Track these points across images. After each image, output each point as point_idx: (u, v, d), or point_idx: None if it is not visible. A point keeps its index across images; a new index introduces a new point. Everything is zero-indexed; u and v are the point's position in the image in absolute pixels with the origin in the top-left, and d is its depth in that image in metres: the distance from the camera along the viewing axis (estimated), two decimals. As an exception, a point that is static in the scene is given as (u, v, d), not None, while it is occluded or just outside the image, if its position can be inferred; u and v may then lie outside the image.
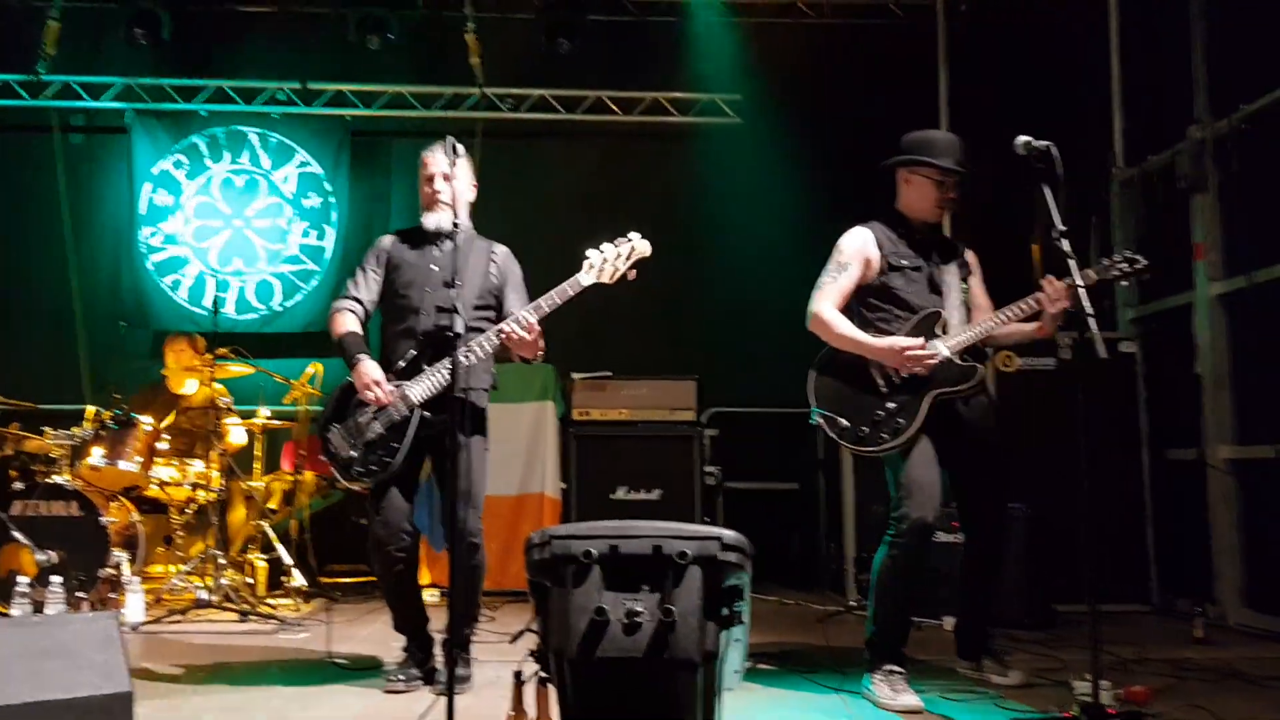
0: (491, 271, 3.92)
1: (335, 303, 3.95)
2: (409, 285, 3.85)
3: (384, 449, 3.65)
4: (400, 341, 3.79)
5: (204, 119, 7.79)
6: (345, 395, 3.76)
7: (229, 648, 4.57)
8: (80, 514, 5.22)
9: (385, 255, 3.95)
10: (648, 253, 3.78)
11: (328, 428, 3.74)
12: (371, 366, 3.69)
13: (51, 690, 2.44)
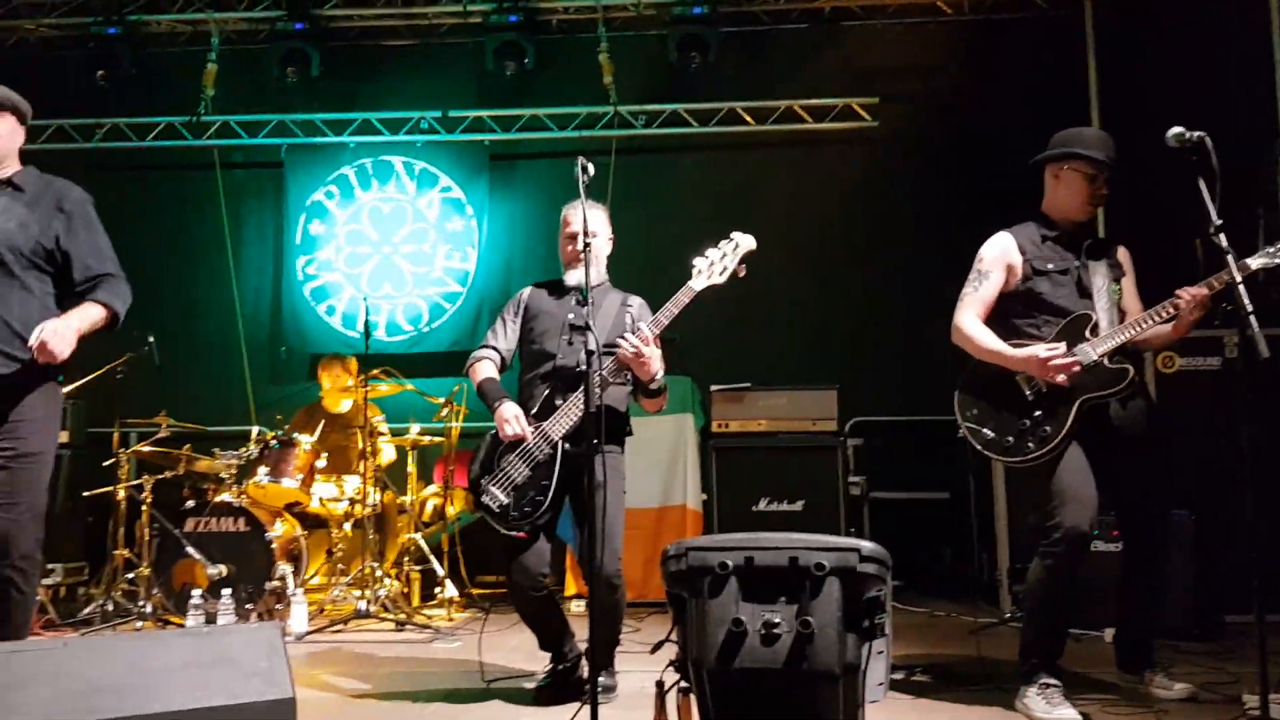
0: (625, 320, 3.98)
1: (474, 352, 4.06)
2: (545, 334, 3.94)
3: (535, 489, 3.69)
4: (536, 385, 3.88)
5: (353, 150, 8.14)
6: (490, 448, 3.82)
7: (387, 657, 4.73)
8: (247, 529, 5.50)
9: (524, 305, 4.08)
10: (753, 246, 3.80)
11: (479, 484, 3.78)
12: (511, 405, 3.78)
13: (218, 697, 2.57)
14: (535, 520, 3.69)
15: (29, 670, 2.42)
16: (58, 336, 3.16)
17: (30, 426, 3.25)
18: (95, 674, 2.46)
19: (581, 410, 3.62)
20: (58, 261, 3.38)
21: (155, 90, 8.02)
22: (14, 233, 3.29)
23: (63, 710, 2.38)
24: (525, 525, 3.70)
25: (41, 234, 3.33)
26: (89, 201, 3.49)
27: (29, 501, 3.22)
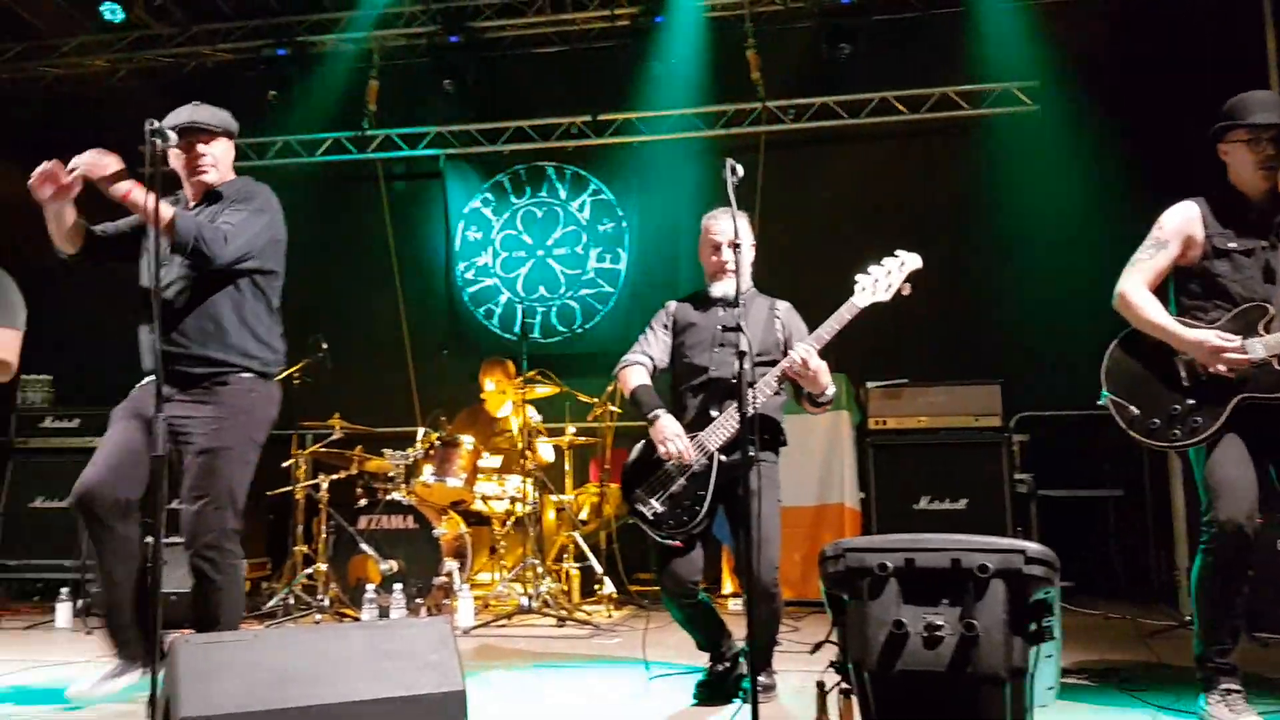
0: (776, 327, 3.95)
1: (623, 358, 4.04)
2: (696, 346, 3.92)
3: (691, 499, 3.70)
4: (691, 396, 3.87)
5: (507, 158, 8.35)
6: (644, 452, 3.83)
7: (550, 652, 4.85)
8: (415, 527, 5.73)
9: (672, 318, 4.07)
10: (919, 265, 3.73)
11: (632, 491, 3.80)
12: (669, 421, 3.75)
13: (394, 688, 2.69)
14: (690, 530, 3.69)
15: (224, 660, 2.58)
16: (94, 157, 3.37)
17: (221, 422, 3.45)
18: (284, 664, 2.61)
19: (737, 421, 3.63)
20: None
21: (322, 106, 8.41)
22: None
23: (256, 698, 2.53)
24: (680, 534, 3.70)
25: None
26: (260, 191, 3.65)
27: (213, 494, 3.40)
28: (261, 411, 3.61)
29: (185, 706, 2.47)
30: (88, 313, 8.30)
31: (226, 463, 3.46)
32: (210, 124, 3.64)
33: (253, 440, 3.58)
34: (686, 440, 3.71)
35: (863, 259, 3.79)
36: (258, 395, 3.59)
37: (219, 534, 3.41)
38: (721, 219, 3.91)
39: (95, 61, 8.67)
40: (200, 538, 3.39)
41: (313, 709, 2.57)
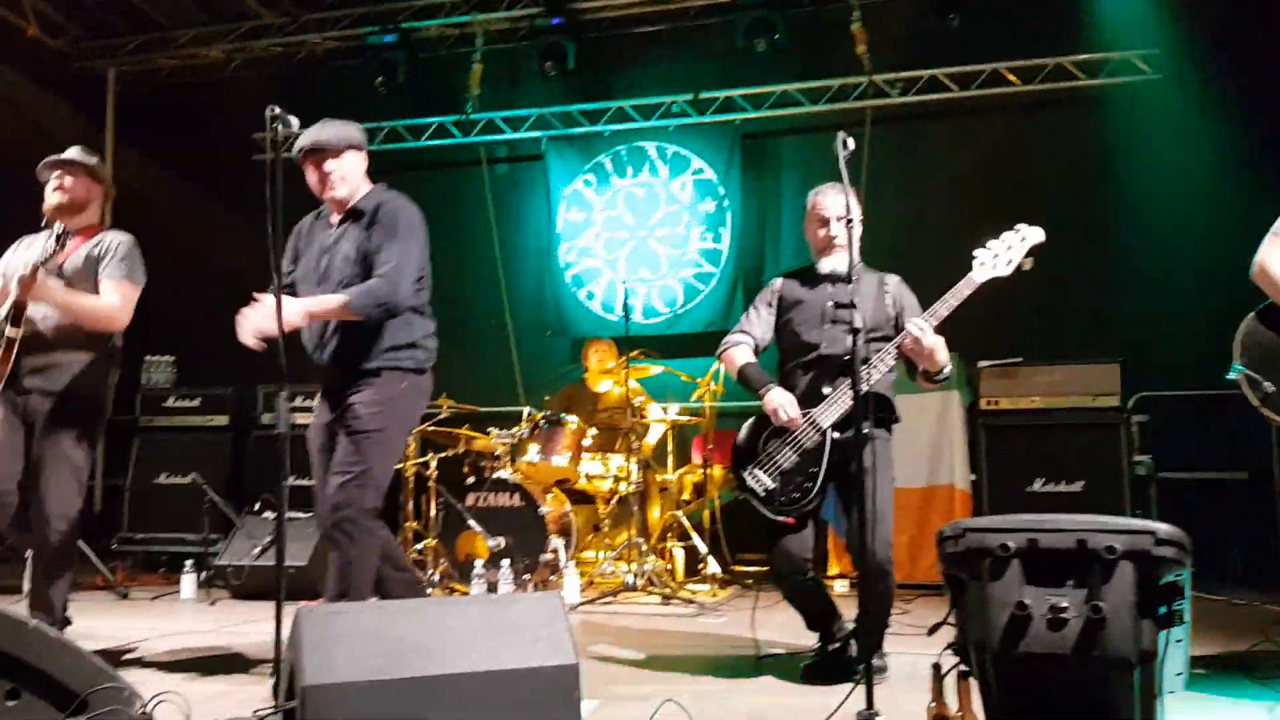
0: (886, 302, 3.86)
1: (726, 338, 4.02)
2: (805, 323, 3.87)
3: (803, 476, 3.67)
4: (801, 373, 3.82)
5: (608, 139, 8.35)
6: (754, 430, 3.81)
7: (655, 630, 4.86)
8: (522, 504, 5.80)
9: (777, 296, 4.01)
10: (1041, 239, 3.61)
11: (742, 466, 3.78)
12: (780, 391, 3.73)
13: (508, 660, 2.72)
14: (803, 507, 3.67)
15: (345, 629, 2.64)
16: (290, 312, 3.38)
17: (366, 409, 3.55)
18: (402, 635, 2.65)
19: (850, 398, 3.58)
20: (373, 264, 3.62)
21: (427, 93, 8.54)
22: (350, 255, 3.65)
23: (376, 667, 2.58)
24: (792, 511, 3.68)
25: (362, 250, 3.65)
26: (401, 210, 3.72)
27: (356, 471, 3.51)
28: (412, 402, 3.72)
29: (308, 674, 2.53)
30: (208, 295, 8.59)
31: (373, 444, 3.55)
32: (331, 143, 3.69)
33: (402, 427, 3.73)
34: (796, 408, 3.69)
35: (974, 236, 3.69)
36: (409, 386, 3.69)
37: (357, 512, 3.51)
38: (829, 194, 3.84)
39: (210, 52, 8.94)
40: (340, 511, 3.49)
41: (430, 679, 2.61)
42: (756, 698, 3.52)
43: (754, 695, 3.55)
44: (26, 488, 3.92)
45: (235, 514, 6.40)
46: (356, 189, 3.77)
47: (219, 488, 6.66)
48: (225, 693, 3.53)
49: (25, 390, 3.90)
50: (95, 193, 4.20)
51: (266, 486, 6.86)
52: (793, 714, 3.28)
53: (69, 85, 8.90)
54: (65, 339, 3.93)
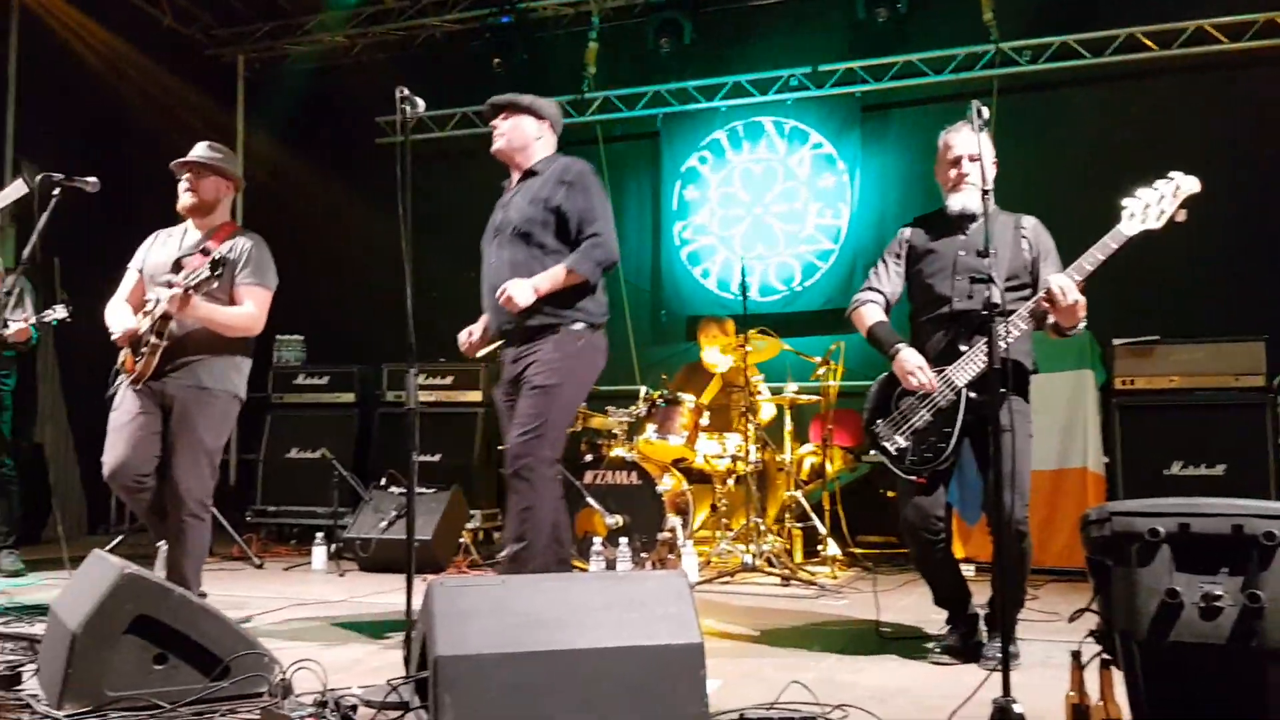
0: (1023, 246, 3.69)
1: (855, 296, 3.91)
2: (937, 273, 3.72)
3: (936, 435, 3.58)
4: (934, 328, 3.69)
5: (724, 114, 8.28)
6: (885, 387, 3.73)
7: (775, 610, 4.82)
8: (639, 483, 5.81)
9: (906, 245, 3.88)
10: (1196, 189, 3.39)
11: (873, 422, 3.72)
12: (912, 353, 3.63)
13: (635, 637, 2.72)
14: (936, 466, 3.59)
15: (475, 603, 2.68)
16: (518, 291, 3.63)
17: (544, 365, 3.71)
18: (531, 609, 2.68)
19: (986, 356, 3.47)
20: (565, 224, 3.80)
21: (543, 72, 8.57)
22: (526, 210, 3.80)
23: (504, 640, 2.61)
24: (924, 470, 3.60)
25: (546, 205, 3.79)
26: (588, 171, 3.90)
27: (534, 425, 3.69)
28: (589, 358, 3.85)
29: (440, 645, 2.57)
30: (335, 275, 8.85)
31: (549, 398, 3.71)
32: (501, 100, 3.98)
33: (579, 381, 3.84)
34: (931, 372, 3.59)
35: (1108, 212, 3.51)
36: (585, 344, 3.82)
37: (537, 461, 3.70)
38: (963, 130, 3.68)
39: (334, 37, 9.15)
40: (523, 461, 3.69)
41: (558, 653, 2.63)
42: (882, 680, 3.45)
43: (879, 677, 3.48)
44: (163, 476, 4.11)
45: (362, 488, 6.57)
46: (524, 148, 3.95)
47: (345, 462, 6.85)
48: (357, 660, 3.62)
49: (164, 383, 4.07)
50: (224, 190, 4.34)
51: (390, 461, 7.04)
52: (920, 697, 3.21)
53: (201, 72, 9.23)
54: (203, 341, 4.10)
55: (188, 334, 4.07)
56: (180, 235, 4.30)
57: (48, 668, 3.11)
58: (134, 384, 4.08)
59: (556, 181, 3.82)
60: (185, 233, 4.30)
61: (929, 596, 3.89)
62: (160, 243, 4.33)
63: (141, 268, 4.28)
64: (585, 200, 3.81)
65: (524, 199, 3.86)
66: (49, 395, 7.96)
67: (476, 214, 4.18)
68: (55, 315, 5.22)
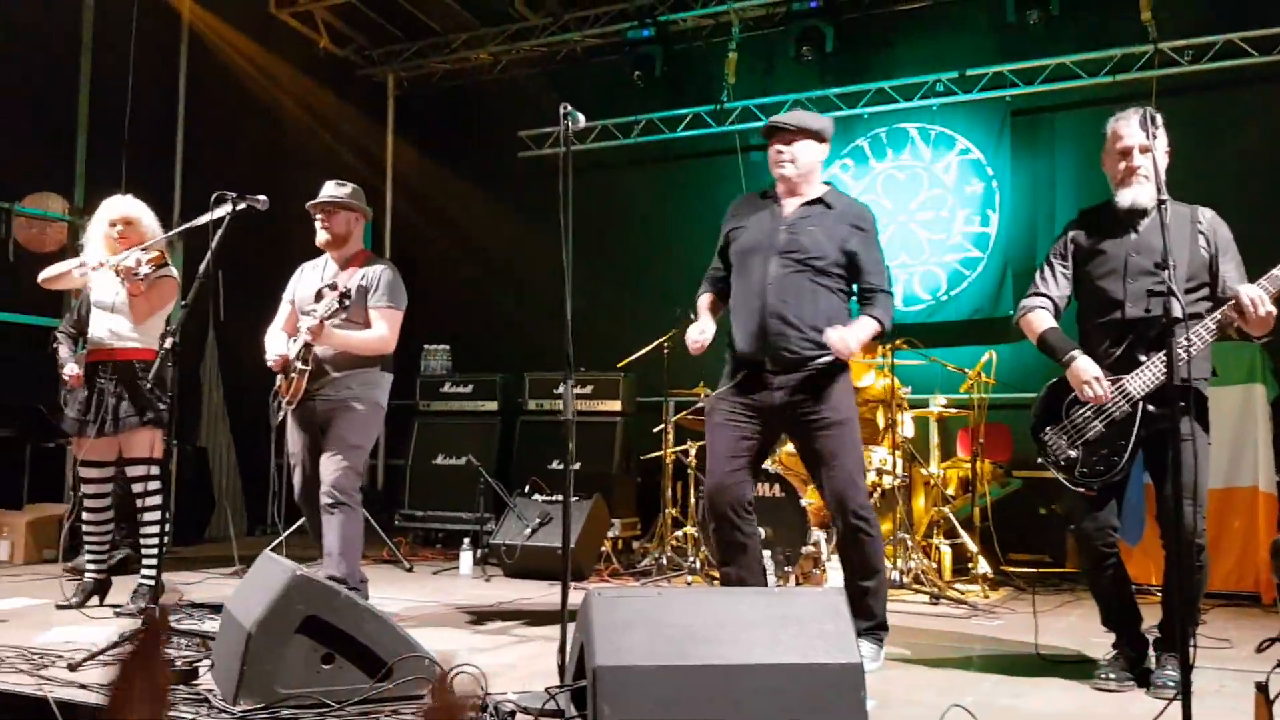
0: (1200, 244, 3.49)
1: (1023, 302, 3.76)
2: (1108, 274, 3.56)
3: (1109, 448, 3.45)
4: (1106, 334, 3.54)
5: (866, 121, 8.15)
6: (1055, 395, 3.60)
7: (927, 629, 4.70)
8: (782, 495, 5.74)
9: (1072, 245, 3.71)
10: None
11: (1041, 429, 3.61)
12: (1088, 363, 3.48)
13: (791, 654, 2.69)
14: (1108, 479, 3.46)
15: (633, 614, 2.69)
16: (846, 340, 3.61)
17: (834, 398, 3.74)
18: (688, 622, 2.68)
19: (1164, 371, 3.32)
20: (850, 268, 3.80)
21: (682, 83, 8.61)
22: (823, 244, 3.77)
23: (660, 652, 2.61)
24: (1095, 483, 3.47)
25: (841, 245, 3.78)
26: (875, 222, 3.90)
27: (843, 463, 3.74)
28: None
29: (599, 656, 2.59)
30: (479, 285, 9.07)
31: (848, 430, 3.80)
32: (788, 124, 3.90)
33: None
34: (1106, 383, 3.44)
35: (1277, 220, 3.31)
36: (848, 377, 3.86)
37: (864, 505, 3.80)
38: (1132, 120, 3.48)
39: (479, 55, 9.38)
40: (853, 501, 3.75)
41: (716, 668, 2.62)
42: (1045, 705, 3.33)
43: (1042, 703, 3.36)
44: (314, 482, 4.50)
45: (506, 495, 6.69)
46: (810, 173, 3.90)
47: (488, 469, 6.98)
48: (510, 666, 3.68)
49: (315, 403, 4.48)
50: (355, 224, 4.71)
51: (532, 468, 7.16)
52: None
53: (354, 90, 9.60)
54: (343, 362, 4.50)
55: (330, 357, 4.47)
56: (322, 266, 4.72)
57: (222, 664, 3.25)
58: (289, 404, 4.48)
59: (852, 225, 3.80)
60: (326, 264, 4.72)
61: (1089, 618, 3.76)
62: (305, 276, 4.75)
63: (292, 299, 4.72)
64: (877, 251, 3.85)
65: (819, 229, 3.78)
66: (212, 402, 8.37)
67: (614, 226, 4.22)
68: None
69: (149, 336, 4.73)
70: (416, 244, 9.24)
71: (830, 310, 3.74)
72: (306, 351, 4.40)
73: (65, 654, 3.50)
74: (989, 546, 6.09)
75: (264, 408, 4.66)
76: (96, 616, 4.49)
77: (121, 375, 4.65)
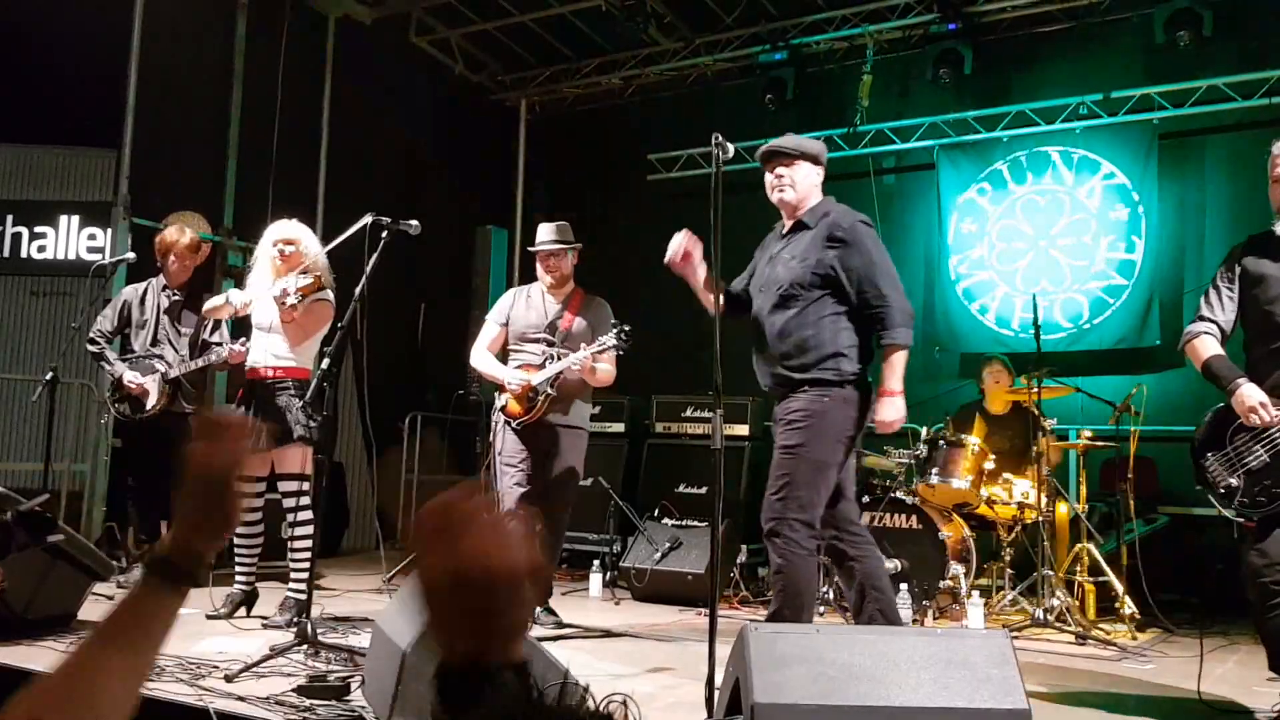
0: None
1: (1188, 327, 3.68)
2: (1274, 300, 3.44)
3: (1272, 478, 3.32)
4: (1276, 361, 3.41)
5: (1005, 144, 7.97)
6: (1220, 421, 3.50)
7: (1076, 671, 4.53)
8: (919, 527, 5.63)
9: (1239, 270, 3.58)
10: None
11: (1203, 455, 3.52)
12: (1254, 389, 3.37)
13: (955, 698, 2.62)
14: (1268, 510, 3.32)
15: (790, 650, 2.66)
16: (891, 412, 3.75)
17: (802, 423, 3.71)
18: (848, 661, 2.63)
19: None
20: (839, 283, 3.76)
21: (814, 107, 8.56)
22: (795, 270, 3.79)
23: (824, 691, 2.58)
24: (1254, 514, 3.36)
25: (814, 269, 3.76)
26: (859, 224, 3.85)
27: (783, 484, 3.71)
28: (839, 416, 3.76)
29: (757, 692, 2.57)
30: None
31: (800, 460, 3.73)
32: (786, 148, 3.94)
33: (826, 440, 3.73)
34: (1274, 410, 3.31)
35: None
36: (832, 400, 3.75)
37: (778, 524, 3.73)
38: None
39: (610, 80, 9.49)
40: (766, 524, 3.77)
41: (878, 709, 2.57)
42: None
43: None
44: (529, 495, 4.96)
45: (636, 518, 6.71)
46: (806, 197, 3.92)
47: (615, 491, 7.01)
48: (651, 696, 3.67)
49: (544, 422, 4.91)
50: (574, 261, 5.21)
51: (660, 491, 7.16)
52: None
53: (488, 115, 9.81)
54: (574, 389, 4.98)
55: (569, 385, 4.90)
56: (540, 298, 5.12)
57: (375, 683, 3.30)
58: (519, 426, 4.91)
59: (824, 242, 3.77)
60: (544, 296, 5.12)
61: (1247, 665, 3.58)
62: (523, 304, 5.12)
63: (504, 323, 5.11)
64: (863, 258, 3.75)
65: (792, 255, 3.82)
66: (347, 421, 8.62)
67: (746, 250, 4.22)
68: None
69: (304, 356, 4.90)
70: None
71: (810, 335, 3.72)
72: (557, 380, 4.83)
73: (221, 664, 3.62)
74: (1135, 585, 5.85)
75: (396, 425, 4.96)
76: (245, 628, 4.63)
77: (276, 393, 4.81)
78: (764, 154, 3.94)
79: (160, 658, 3.54)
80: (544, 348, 4.96)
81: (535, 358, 4.97)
